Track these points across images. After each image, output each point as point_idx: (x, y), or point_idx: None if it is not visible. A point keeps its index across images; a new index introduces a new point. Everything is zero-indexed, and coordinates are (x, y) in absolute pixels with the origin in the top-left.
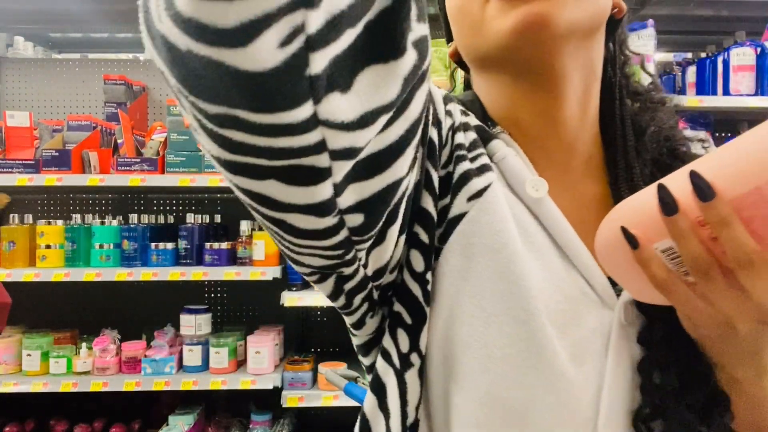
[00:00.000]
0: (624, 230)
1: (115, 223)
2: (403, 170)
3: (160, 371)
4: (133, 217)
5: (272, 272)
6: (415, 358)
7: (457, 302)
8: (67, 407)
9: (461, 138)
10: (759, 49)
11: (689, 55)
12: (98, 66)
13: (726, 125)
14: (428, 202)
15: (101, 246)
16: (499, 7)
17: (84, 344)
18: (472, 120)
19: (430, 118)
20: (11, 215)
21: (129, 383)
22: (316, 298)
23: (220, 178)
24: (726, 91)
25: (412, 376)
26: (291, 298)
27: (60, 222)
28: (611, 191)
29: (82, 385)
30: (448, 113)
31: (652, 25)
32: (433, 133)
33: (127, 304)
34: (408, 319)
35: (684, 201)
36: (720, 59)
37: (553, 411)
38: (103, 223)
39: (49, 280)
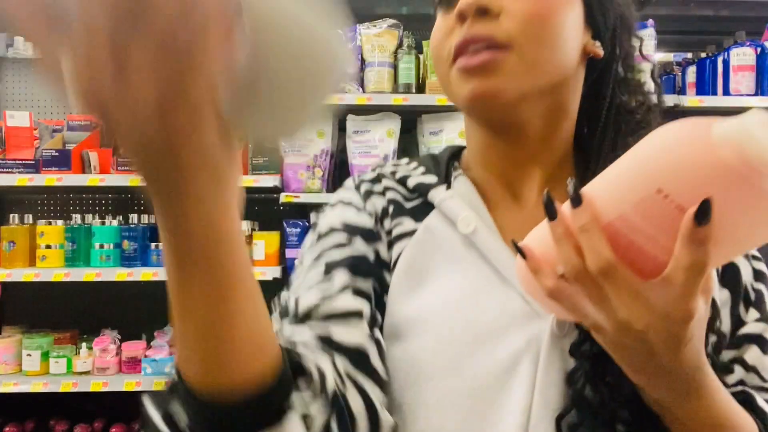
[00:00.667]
0: (513, 242)
1: (115, 223)
2: None
3: (161, 371)
4: (133, 217)
5: (272, 272)
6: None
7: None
8: (67, 407)
9: (387, 223)
10: (759, 49)
11: (689, 55)
12: None
13: None
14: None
15: (101, 246)
16: (458, 76)
17: (84, 344)
18: (395, 187)
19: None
20: (11, 215)
21: (129, 383)
22: None
23: None
24: (726, 91)
25: None
26: None
27: (60, 222)
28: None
29: (82, 385)
30: (382, 215)
31: (652, 25)
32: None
33: (127, 304)
34: None
35: (564, 208)
36: (720, 59)
37: (484, 415)
38: (103, 223)
39: (49, 280)
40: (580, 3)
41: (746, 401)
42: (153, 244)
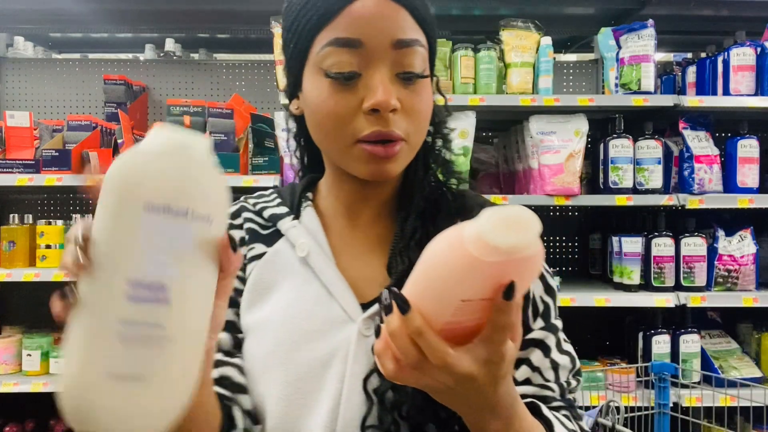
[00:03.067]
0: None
1: None
2: None
3: None
4: None
5: None
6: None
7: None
8: None
9: (244, 250)
10: (759, 49)
11: (689, 55)
12: (98, 66)
13: (726, 125)
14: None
15: None
16: (362, 156)
17: None
18: (253, 218)
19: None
20: (11, 215)
21: None
22: None
23: None
24: (726, 91)
25: None
26: None
27: (60, 222)
28: (396, 230)
29: None
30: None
31: (652, 25)
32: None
33: None
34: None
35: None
36: (720, 59)
37: (305, 401)
38: None
39: (49, 280)
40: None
41: (534, 411)
42: None
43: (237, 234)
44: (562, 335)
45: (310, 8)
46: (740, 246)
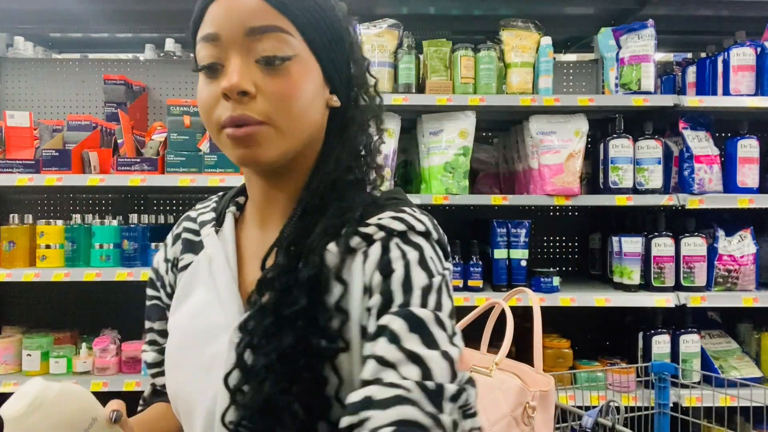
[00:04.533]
0: None
1: (115, 223)
2: None
3: None
4: (133, 217)
5: None
6: None
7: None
8: None
9: (179, 261)
10: (759, 49)
11: (689, 55)
12: (98, 66)
13: (726, 125)
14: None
15: (101, 246)
16: (227, 142)
17: (84, 344)
18: (190, 227)
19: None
20: (11, 215)
21: (129, 383)
22: None
23: (220, 178)
24: (726, 91)
25: None
26: None
27: (60, 222)
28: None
29: (82, 385)
30: (166, 261)
31: (652, 25)
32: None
33: (127, 304)
34: None
35: None
36: (720, 59)
37: (199, 394)
38: (103, 223)
39: (49, 280)
40: (317, 68)
41: None
42: (153, 244)
43: (177, 249)
44: (435, 328)
45: (193, 16)
46: (740, 246)
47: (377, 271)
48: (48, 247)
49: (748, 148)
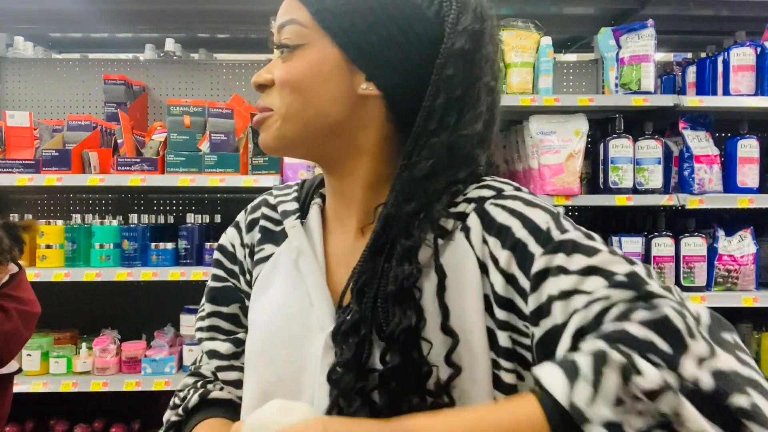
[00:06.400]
0: None
1: (115, 223)
2: None
3: (160, 371)
4: (133, 217)
5: None
6: None
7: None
8: (67, 407)
9: (256, 249)
10: (759, 49)
11: (689, 55)
12: (98, 66)
13: (726, 125)
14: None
15: (101, 246)
16: None
17: (84, 344)
18: (268, 215)
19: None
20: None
21: (129, 383)
22: None
23: (220, 178)
24: (726, 91)
25: None
26: None
27: (60, 222)
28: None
29: (82, 385)
30: (243, 246)
31: (652, 25)
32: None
33: (127, 304)
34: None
35: None
36: (720, 59)
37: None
38: (103, 223)
39: (49, 280)
40: (335, 54)
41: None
42: (153, 244)
43: (256, 237)
44: (587, 241)
45: None
46: (740, 246)
47: (490, 237)
48: (48, 247)
49: (748, 148)
